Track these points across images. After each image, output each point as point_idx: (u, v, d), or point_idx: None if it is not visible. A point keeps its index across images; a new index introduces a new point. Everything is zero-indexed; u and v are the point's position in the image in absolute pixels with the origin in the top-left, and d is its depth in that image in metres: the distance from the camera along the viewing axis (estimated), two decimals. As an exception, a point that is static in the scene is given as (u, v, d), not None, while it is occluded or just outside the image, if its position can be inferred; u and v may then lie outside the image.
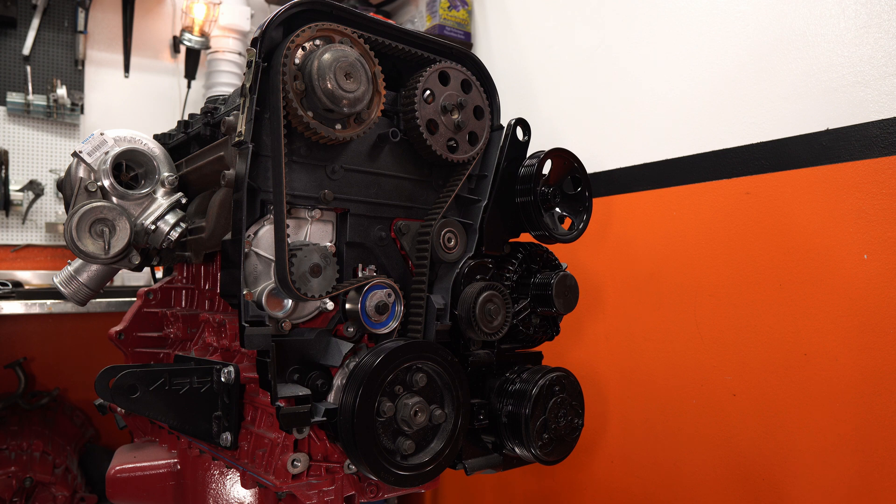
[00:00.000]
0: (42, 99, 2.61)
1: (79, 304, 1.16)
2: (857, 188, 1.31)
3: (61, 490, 2.12)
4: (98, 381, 0.85)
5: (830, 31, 1.39)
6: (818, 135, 1.38)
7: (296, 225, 0.90)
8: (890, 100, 1.28)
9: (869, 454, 1.26)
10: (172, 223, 1.04)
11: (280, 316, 0.85)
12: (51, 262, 2.69)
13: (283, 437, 0.87)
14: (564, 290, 1.01)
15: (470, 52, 1.03)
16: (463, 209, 1.04)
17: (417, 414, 0.84)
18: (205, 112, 1.10)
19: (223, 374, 0.89)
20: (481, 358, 1.00)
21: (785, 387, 1.40)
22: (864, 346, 1.28)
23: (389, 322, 0.93)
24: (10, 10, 2.54)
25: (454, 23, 2.53)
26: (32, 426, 2.31)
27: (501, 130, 1.04)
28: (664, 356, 1.67)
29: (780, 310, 1.42)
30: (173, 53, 3.00)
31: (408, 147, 0.98)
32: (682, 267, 1.65)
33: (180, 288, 1.22)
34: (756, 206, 1.48)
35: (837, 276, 1.33)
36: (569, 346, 1.91)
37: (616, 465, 1.80)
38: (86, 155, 1.03)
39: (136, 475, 1.05)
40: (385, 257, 0.96)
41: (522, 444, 0.95)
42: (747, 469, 1.47)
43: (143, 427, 1.22)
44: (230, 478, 1.02)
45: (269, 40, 0.83)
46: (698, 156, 1.63)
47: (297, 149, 0.87)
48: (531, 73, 2.28)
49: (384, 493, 0.97)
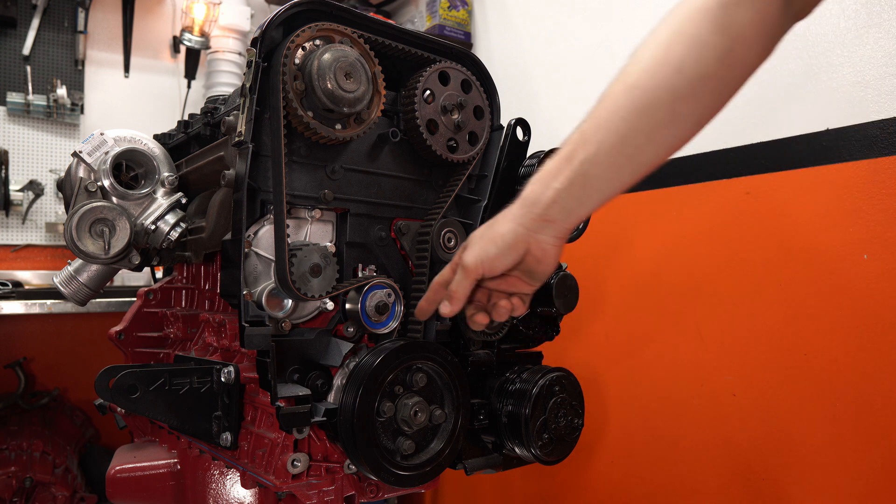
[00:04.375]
0: (42, 99, 2.61)
1: (79, 304, 1.16)
2: (857, 188, 1.31)
3: (61, 490, 2.12)
4: (98, 381, 0.85)
5: (830, 31, 1.39)
6: (818, 135, 1.38)
7: (296, 225, 0.90)
8: (890, 100, 1.28)
9: (869, 454, 1.26)
10: (172, 223, 1.04)
11: (280, 316, 0.85)
12: (51, 262, 2.68)
13: (283, 437, 0.87)
14: (564, 290, 1.01)
15: (470, 52, 1.03)
16: (463, 209, 1.04)
17: (417, 414, 0.84)
18: (205, 112, 1.10)
19: (223, 374, 0.89)
20: (481, 358, 1.00)
21: (785, 387, 1.40)
22: (864, 346, 1.28)
23: (389, 322, 0.93)
24: (10, 10, 2.54)
25: (454, 23, 2.53)
26: (32, 426, 2.31)
27: (501, 130, 1.04)
28: (664, 356, 1.67)
29: (780, 310, 1.42)
30: (173, 53, 3.00)
31: (408, 147, 0.98)
32: (682, 267, 1.64)
33: (180, 288, 1.22)
34: (756, 206, 1.48)
35: (837, 276, 1.33)
36: (569, 346, 1.91)
37: (616, 465, 1.79)
38: (86, 155, 1.03)
39: (136, 475, 1.05)
40: (385, 257, 0.96)
41: (522, 444, 0.95)
42: (747, 469, 1.47)
43: (143, 427, 1.22)
44: (230, 478, 1.02)
45: (269, 40, 0.83)
46: (698, 156, 1.63)
47: (297, 149, 0.87)
48: (531, 73, 2.28)
49: (384, 493, 0.97)
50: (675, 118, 0.69)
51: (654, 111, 0.69)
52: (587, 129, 0.72)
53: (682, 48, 0.67)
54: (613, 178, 0.72)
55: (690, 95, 0.68)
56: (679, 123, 0.70)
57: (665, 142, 0.71)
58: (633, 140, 0.70)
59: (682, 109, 0.68)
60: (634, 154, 0.71)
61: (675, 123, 0.69)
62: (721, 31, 0.66)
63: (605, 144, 0.71)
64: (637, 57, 0.71)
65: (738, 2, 0.65)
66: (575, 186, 0.73)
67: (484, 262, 0.78)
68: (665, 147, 0.71)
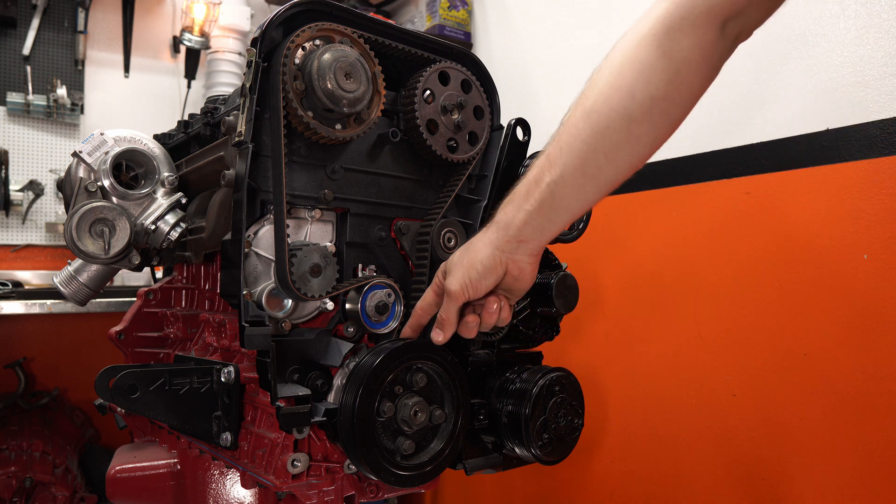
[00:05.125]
0: (42, 99, 2.61)
1: (79, 304, 1.16)
2: (857, 188, 1.31)
3: (61, 490, 2.12)
4: (98, 381, 0.85)
5: (830, 31, 1.39)
6: (818, 135, 1.38)
7: (296, 225, 0.90)
8: (890, 100, 1.28)
9: (869, 454, 1.26)
10: (172, 223, 1.04)
11: (280, 316, 0.85)
12: (51, 262, 2.68)
13: (283, 437, 0.87)
14: (564, 290, 1.01)
15: (470, 52, 1.03)
16: (463, 209, 1.04)
17: (417, 414, 0.84)
18: (205, 112, 1.10)
19: (223, 374, 0.89)
20: (481, 358, 1.00)
21: (785, 387, 1.40)
22: (864, 346, 1.28)
23: (389, 322, 0.93)
24: (10, 10, 2.54)
25: (454, 23, 2.53)
26: (32, 426, 2.31)
27: (501, 130, 1.04)
28: (664, 356, 1.67)
29: (780, 310, 1.42)
30: (173, 53, 3.00)
31: (408, 147, 0.98)
32: (682, 267, 1.64)
33: (180, 288, 1.22)
34: (756, 206, 1.48)
35: (837, 276, 1.33)
36: (569, 346, 1.91)
37: (616, 465, 1.79)
38: (86, 155, 1.03)
39: (136, 475, 1.05)
40: (385, 257, 0.96)
41: (522, 444, 0.95)
42: (747, 469, 1.47)
43: (143, 427, 1.22)
44: (230, 478, 1.02)
45: (269, 40, 0.83)
46: (698, 156, 1.63)
47: (297, 149, 0.87)
48: (531, 73, 2.28)
49: (384, 493, 0.97)
50: (631, 139, 0.73)
51: (611, 133, 0.73)
52: (552, 153, 0.78)
53: (633, 73, 0.72)
54: (579, 196, 0.77)
55: (643, 118, 0.72)
56: (635, 144, 0.74)
57: (623, 161, 0.75)
58: (594, 161, 0.75)
59: (636, 131, 0.73)
60: (596, 174, 0.76)
61: (631, 144, 0.74)
62: (667, 56, 0.70)
63: (568, 167, 0.76)
64: (593, 82, 0.76)
65: (680, 27, 0.70)
66: (544, 207, 0.78)
67: (468, 287, 0.83)
68: (625, 165, 0.76)
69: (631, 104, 0.72)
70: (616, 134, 0.73)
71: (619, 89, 0.72)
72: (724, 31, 0.70)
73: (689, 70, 0.71)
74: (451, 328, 0.86)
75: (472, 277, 0.82)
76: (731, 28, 0.70)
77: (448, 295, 0.84)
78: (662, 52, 0.70)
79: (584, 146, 0.74)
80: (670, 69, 0.70)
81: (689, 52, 0.70)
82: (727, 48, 0.73)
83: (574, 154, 0.75)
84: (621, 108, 0.72)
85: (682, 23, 0.69)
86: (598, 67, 0.77)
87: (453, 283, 0.83)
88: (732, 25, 0.70)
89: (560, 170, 0.76)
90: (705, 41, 0.70)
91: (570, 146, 0.75)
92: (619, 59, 0.74)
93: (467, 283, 0.82)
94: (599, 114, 0.73)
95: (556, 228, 0.80)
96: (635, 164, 0.76)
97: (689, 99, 0.73)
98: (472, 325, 0.87)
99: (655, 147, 0.76)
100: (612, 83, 0.73)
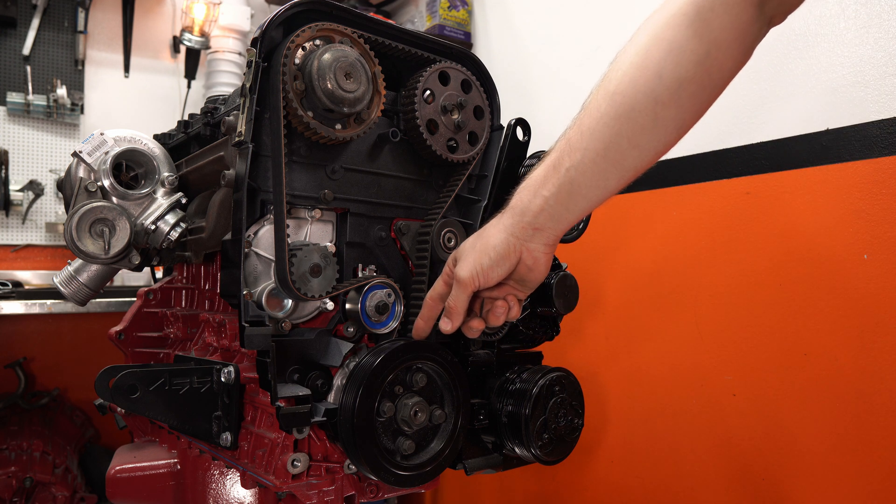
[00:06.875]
0: (42, 99, 2.61)
1: (79, 304, 1.16)
2: (857, 188, 1.31)
3: (61, 490, 2.12)
4: (98, 381, 0.85)
5: (830, 31, 1.39)
6: (818, 135, 1.38)
7: (296, 225, 0.90)
8: (890, 100, 1.28)
9: (869, 454, 1.26)
10: (172, 223, 1.04)
11: (280, 316, 0.85)
12: (51, 262, 2.68)
13: (283, 437, 0.87)
14: (564, 290, 1.01)
15: (470, 52, 1.03)
16: (463, 209, 1.04)
17: (417, 414, 0.84)
18: (205, 112, 1.10)
19: (223, 374, 0.89)
20: (481, 358, 1.00)
21: (785, 387, 1.40)
22: (864, 346, 1.28)
23: (389, 322, 0.93)
24: (10, 10, 2.54)
25: (454, 23, 2.53)
26: (32, 426, 2.31)
27: (501, 130, 1.04)
28: (664, 356, 1.67)
29: (780, 310, 1.42)
30: (173, 53, 3.00)
31: (408, 147, 0.98)
32: (682, 267, 1.64)
33: (180, 288, 1.22)
34: (756, 206, 1.48)
35: (837, 276, 1.33)
36: (569, 346, 1.91)
37: (616, 465, 1.79)
38: (86, 155, 1.03)
39: (136, 475, 1.05)
40: (385, 257, 0.96)
41: (522, 444, 0.95)
42: (747, 469, 1.47)
43: (143, 427, 1.22)
44: (230, 478, 1.02)
45: (269, 40, 0.83)
46: (698, 156, 1.63)
47: (297, 149, 0.87)
48: (531, 73, 2.28)
49: (384, 493, 0.97)
50: (657, 123, 0.70)
51: (636, 116, 0.69)
52: (572, 136, 0.74)
53: (661, 53, 0.68)
54: (600, 183, 0.73)
55: (670, 100, 0.68)
56: (661, 128, 0.70)
57: (648, 146, 0.71)
58: (617, 145, 0.71)
59: (663, 114, 0.69)
60: (619, 159, 0.72)
61: (657, 128, 0.70)
62: (698, 35, 0.67)
63: (590, 151, 0.72)
64: (618, 63, 0.72)
65: (714, 7, 0.66)
66: (562, 194, 0.74)
67: (479, 274, 0.79)
68: (649, 152, 0.72)
69: (658, 86, 0.68)
70: (641, 117, 0.69)
71: (645, 70, 0.68)
72: (763, 10, 0.67)
73: (720, 52, 0.67)
74: (460, 317, 0.83)
75: (483, 264, 0.78)
76: (769, 8, 0.67)
77: (457, 282, 0.81)
78: (693, 31, 0.66)
79: (607, 129, 0.70)
80: (701, 49, 0.66)
81: (722, 32, 0.66)
82: (761, 30, 0.69)
83: (596, 138, 0.71)
84: (648, 89, 0.68)
85: (715, 1, 0.66)
86: (623, 48, 0.73)
87: (463, 270, 0.80)
88: (771, 5, 0.67)
89: (581, 154, 0.72)
90: (741, 21, 0.66)
91: (591, 130, 0.72)
92: (646, 39, 0.70)
93: (478, 270, 0.78)
94: (624, 95, 0.69)
95: (574, 217, 0.76)
96: (660, 150, 0.72)
97: (720, 82, 0.69)
98: (477, 329, 0.85)
99: (682, 133, 0.72)
100: (639, 63, 0.69)
